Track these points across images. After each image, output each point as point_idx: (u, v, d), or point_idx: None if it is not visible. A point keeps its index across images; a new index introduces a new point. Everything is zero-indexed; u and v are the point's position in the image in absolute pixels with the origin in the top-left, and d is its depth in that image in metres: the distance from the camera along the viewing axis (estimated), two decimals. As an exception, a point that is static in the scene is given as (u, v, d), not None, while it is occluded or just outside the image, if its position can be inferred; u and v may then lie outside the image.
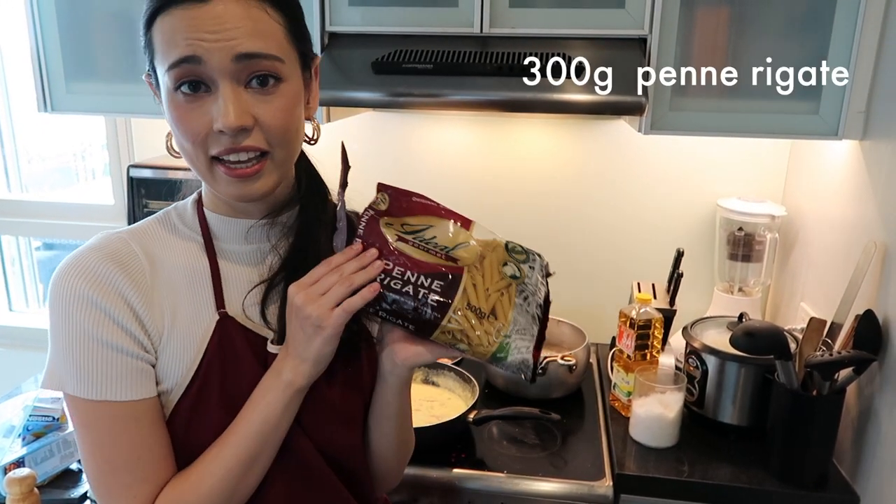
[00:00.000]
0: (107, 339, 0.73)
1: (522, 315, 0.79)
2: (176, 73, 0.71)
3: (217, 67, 0.70)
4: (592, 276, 1.84)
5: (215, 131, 0.72)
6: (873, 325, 1.19)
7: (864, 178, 1.31)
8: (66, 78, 1.56)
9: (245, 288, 0.82)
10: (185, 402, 0.78)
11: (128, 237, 0.79)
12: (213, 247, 0.83)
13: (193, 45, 0.70)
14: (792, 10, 1.29)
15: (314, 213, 0.85)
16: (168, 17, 0.71)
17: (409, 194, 0.82)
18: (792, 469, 1.23)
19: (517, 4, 1.35)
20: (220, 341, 0.79)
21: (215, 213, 0.83)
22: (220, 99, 0.71)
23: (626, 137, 1.74)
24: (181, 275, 0.80)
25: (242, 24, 0.71)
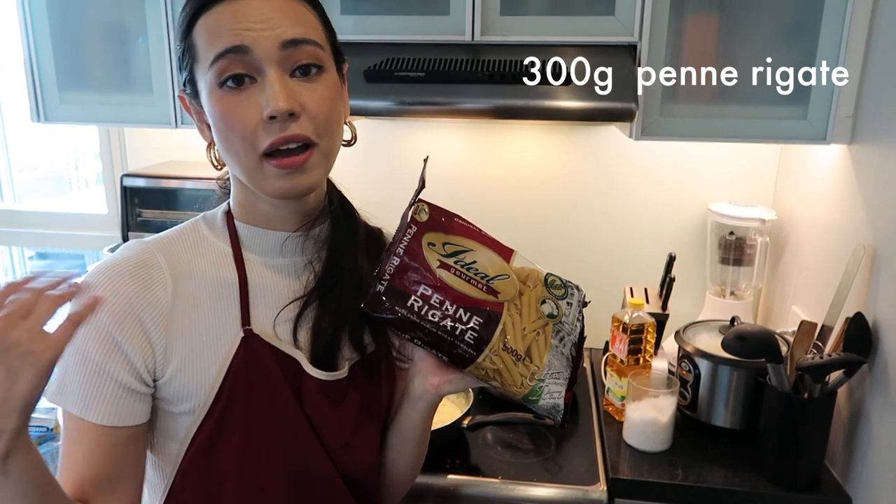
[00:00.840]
0: (108, 369, 0.72)
1: (557, 357, 0.78)
2: (221, 66, 0.71)
3: (264, 55, 0.70)
4: (585, 281, 1.82)
5: (265, 119, 0.71)
6: (863, 328, 1.20)
7: (852, 181, 1.32)
8: (60, 88, 1.57)
9: (274, 303, 0.80)
10: (208, 424, 0.75)
11: (154, 248, 0.77)
12: (242, 258, 0.80)
13: (240, 34, 0.70)
14: (780, 16, 1.31)
15: (346, 228, 0.85)
16: (211, 14, 0.72)
17: (451, 214, 0.81)
18: (784, 472, 1.24)
19: (508, 12, 1.37)
20: (245, 360, 0.76)
21: (248, 224, 0.82)
22: (268, 86, 0.71)
23: (618, 143, 1.76)
24: (208, 287, 0.78)
25: (285, 14, 0.72)
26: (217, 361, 0.76)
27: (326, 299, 0.80)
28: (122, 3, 1.50)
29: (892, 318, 1.16)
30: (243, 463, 0.76)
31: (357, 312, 0.78)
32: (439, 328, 0.74)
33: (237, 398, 0.75)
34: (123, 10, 1.51)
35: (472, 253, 0.78)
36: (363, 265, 0.83)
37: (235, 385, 0.75)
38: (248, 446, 0.76)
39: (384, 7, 1.40)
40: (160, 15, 1.47)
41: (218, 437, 0.75)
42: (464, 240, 0.79)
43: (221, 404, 0.75)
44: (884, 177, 1.21)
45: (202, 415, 0.75)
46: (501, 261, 0.79)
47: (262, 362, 0.77)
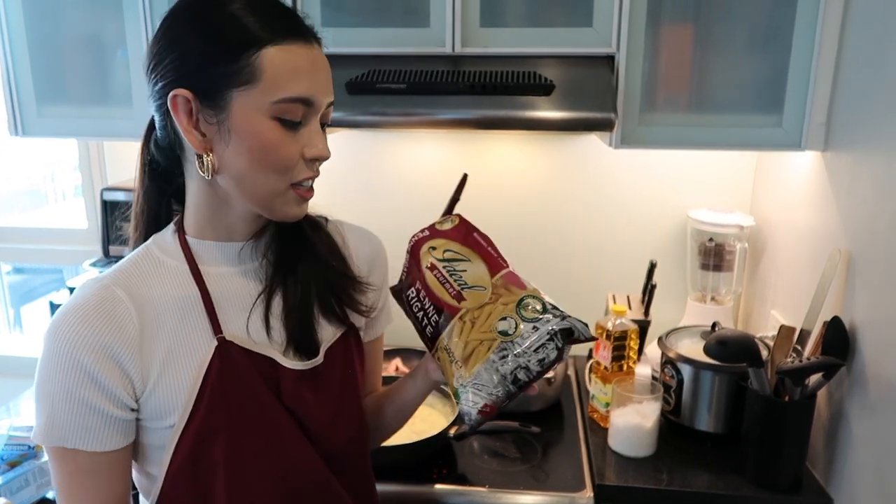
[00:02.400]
0: (87, 401, 0.75)
1: (489, 372, 0.81)
2: (288, 108, 0.76)
3: (319, 109, 0.79)
4: (568, 289, 1.86)
5: (307, 159, 0.79)
6: (840, 331, 1.22)
7: (826, 187, 1.35)
8: (38, 101, 1.56)
9: (243, 307, 0.84)
10: (188, 434, 0.78)
11: (111, 283, 0.79)
12: (199, 273, 0.83)
13: (313, 87, 0.77)
14: (753, 26, 1.33)
15: (291, 226, 0.88)
16: (291, 49, 0.75)
17: (472, 230, 0.92)
18: (767, 474, 1.26)
19: (488, 24, 1.38)
20: (220, 366, 0.80)
21: (201, 239, 0.84)
22: (315, 133, 0.79)
23: (598, 152, 1.78)
24: (171, 307, 0.81)
25: (329, 74, 0.81)
26: (191, 375, 0.79)
27: (288, 283, 0.86)
28: (101, 16, 1.50)
29: (868, 321, 1.19)
30: (229, 465, 0.80)
31: (321, 289, 0.88)
32: (416, 317, 0.90)
33: (216, 405, 0.79)
34: (102, 23, 1.50)
35: (466, 262, 0.88)
36: (315, 243, 0.90)
37: (213, 393, 0.79)
38: (234, 448, 0.80)
39: (365, 19, 1.40)
40: (139, 27, 1.47)
41: (201, 442, 0.79)
42: (468, 251, 0.89)
43: (200, 413, 0.78)
44: (857, 182, 1.24)
45: (182, 425, 0.79)
46: (487, 274, 0.87)
47: (237, 366, 0.80)
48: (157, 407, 0.78)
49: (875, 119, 1.19)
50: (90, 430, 0.76)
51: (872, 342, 1.17)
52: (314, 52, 0.78)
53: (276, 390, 0.82)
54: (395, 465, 1.27)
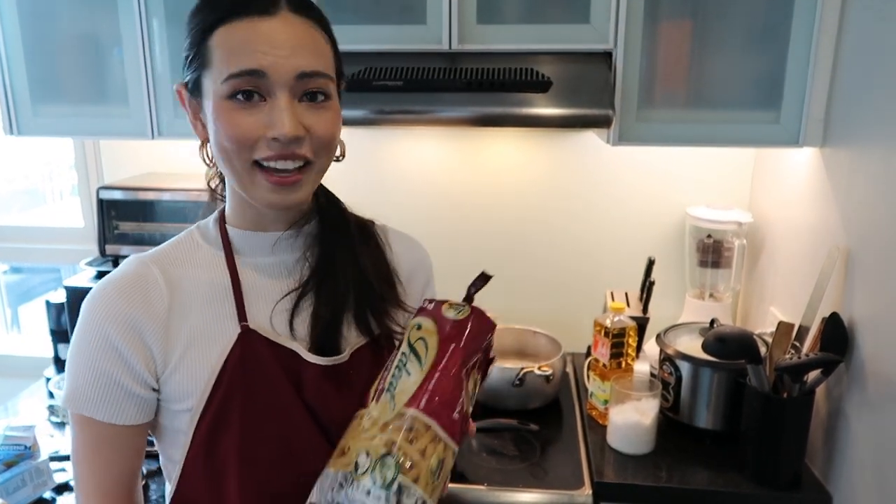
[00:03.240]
0: (109, 373, 0.78)
1: (329, 482, 0.74)
2: (236, 83, 0.73)
3: (279, 81, 0.73)
4: (566, 287, 1.86)
5: (268, 138, 0.74)
6: (839, 328, 1.22)
7: (825, 184, 1.35)
8: (33, 100, 1.55)
9: (270, 299, 0.84)
10: (206, 417, 0.79)
11: (150, 261, 0.82)
12: (233, 261, 0.84)
13: (259, 58, 0.72)
14: (751, 22, 1.33)
15: (335, 222, 0.88)
16: (233, 27, 0.73)
17: (461, 331, 0.77)
18: (766, 471, 1.25)
19: (485, 21, 1.37)
20: (241, 354, 0.80)
21: (238, 228, 0.85)
22: (276, 109, 0.73)
23: (596, 149, 1.77)
24: (202, 291, 0.82)
25: (306, 43, 0.75)
26: (212, 360, 0.79)
27: (322, 289, 0.84)
28: (96, 15, 1.49)
29: (866, 318, 1.18)
30: (242, 454, 0.80)
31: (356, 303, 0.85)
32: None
33: (234, 392, 0.79)
34: (97, 22, 1.49)
35: (416, 366, 0.76)
36: (359, 253, 0.88)
37: (232, 380, 0.79)
38: (247, 438, 0.79)
39: (362, 17, 1.40)
40: (134, 26, 1.46)
41: (217, 430, 0.79)
42: (431, 358, 0.76)
43: (217, 399, 0.79)
44: (855, 178, 1.23)
45: (200, 410, 0.79)
46: (409, 395, 0.75)
47: (259, 355, 0.80)
48: (176, 388, 0.79)
49: (873, 115, 1.18)
50: (110, 401, 0.78)
51: (871, 338, 1.16)
52: (273, 23, 0.73)
53: (297, 384, 0.81)
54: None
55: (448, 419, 0.74)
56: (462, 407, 0.76)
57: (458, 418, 0.75)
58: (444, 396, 0.74)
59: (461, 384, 0.76)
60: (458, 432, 0.75)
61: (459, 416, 0.75)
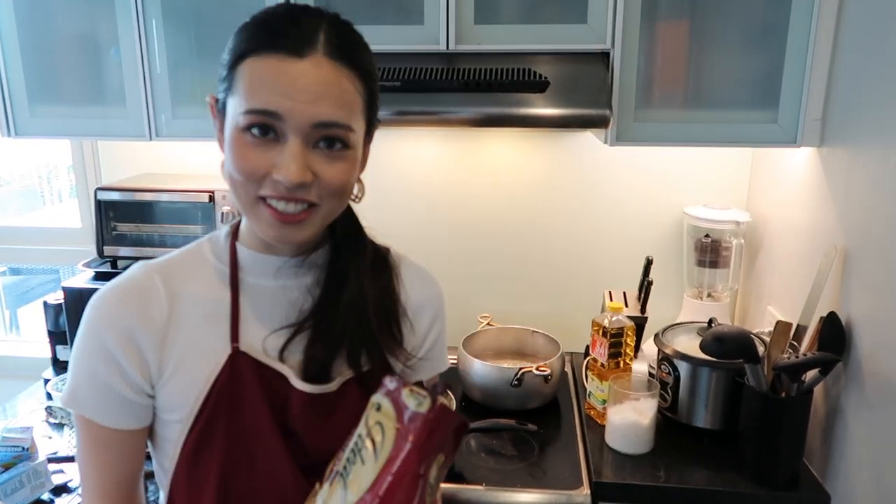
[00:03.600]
0: (105, 379, 0.79)
1: None
2: (252, 119, 0.72)
3: (295, 127, 0.72)
4: (564, 287, 1.86)
5: (273, 178, 0.73)
6: (837, 327, 1.22)
7: (822, 183, 1.35)
8: (30, 101, 1.55)
9: (266, 323, 0.83)
10: (193, 433, 0.80)
11: (154, 271, 0.83)
12: (237, 280, 0.84)
13: (280, 101, 0.71)
14: (748, 22, 1.33)
15: (349, 253, 0.86)
16: (262, 61, 0.72)
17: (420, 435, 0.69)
18: (764, 470, 1.25)
19: (482, 21, 1.38)
20: (230, 376, 0.80)
21: (248, 248, 0.85)
22: (286, 152, 0.72)
23: (593, 149, 1.77)
24: (201, 306, 0.82)
25: (329, 92, 0.72)
26: (204, 375, 0.80)
27: (320, 327, 0.83)
28: (93, 15, 1.49)
29: (864, 317, 1.18)
30: (221, 474, 0.80)
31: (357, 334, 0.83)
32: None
33: (221, 411, 0.79)
34: (94, 22, 1.49)
35: (369, 456, 0.71)
36: (367, 288, 0.85)
37: (220, 398, 0.79)
38: (227, 458, 0.80)
39: (359, 17, 1.37)
40: (132, 26, 1.46)
41: (201, 447, 0.80)
42: (387, 450, 0.70)
43: (205, 415, 0.79)
44: (853, 178, 1.23)
45: (189, 423, 0.80)
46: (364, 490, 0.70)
47: (247, 378, 0.80)
48: (168, 398, 0.80)
49: (871, 114, 1.18)
50: (106, 406, 0.79)
51: (869, 338, 1.16)
52: (302, 66, 0.71)
53: (283, 407, 0.81)
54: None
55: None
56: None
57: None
58: (394, 499, 0.68)
59: (416, 488, 0.69)
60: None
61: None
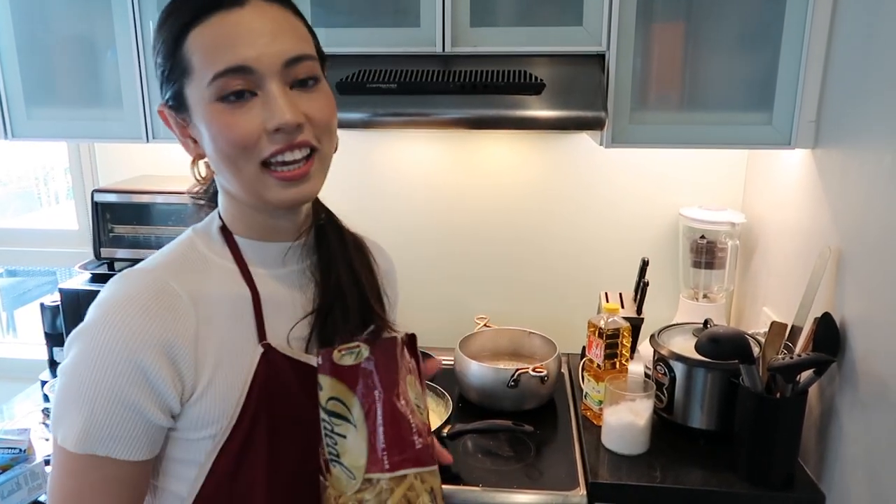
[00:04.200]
0: (134, 404, 0.70)
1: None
2: (222, 83, 0.70)
3: (268, 72, 0.70)
4: (560, 288, 1.86)
5: (270, 131, 0.71)
6: (831, 328, 1.23)
7: (817, 185, 1.35)
8: (27, 103, 1.55)
9: (287, 312, 0.81)
10: (233, 443, 0.75)
11: (166, 276, 0.74)
12: (249, 273, 0.80)
13: (243, 50, 0.69)
14: (743, 24, 1.34)
15: (334, 235, 0.86)
16: (206, 26, 0.70)
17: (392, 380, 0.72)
18: (759, 470, 1.26)
19: (478, 24, 1.38)
20: (266, 375, 0.76)
21: (247, 238, 0.81)
22: (271, 99, 0.70)
23: (589, 151, 1.78)
24: (223, 306, 0.77)
25: (285, 28, 0.72)
26: (240, 380, 0.75)
27: (333, 311, 0.82)
28: (90, 17, 1.49)
29: (858, 318, 1.19)
30: (270, 477, 0.76)
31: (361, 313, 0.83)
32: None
33: (261, 414, 0.75)
34: (91, 24, 1.49)
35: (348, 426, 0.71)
36: (357, 268, 0.86)
37: (258, 403, 0.75)
38: (273, 460, 0.76)
39: (356, 19, 1.40)
40: (128, 28, 1.46)
41: (242, 457, 0.75)
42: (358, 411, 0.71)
43: (246, 423, 0.75)
44: (847, 179, 1.24)
45: (225, 436, 0.74)
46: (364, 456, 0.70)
47: (281, 374, 0.77)
48: (203, 414, 0.74)
49: (864, 116, 1.19)
50: (128, 436, 0.70)
51: (863, 338, 1.17)
52: (247, 13, 0.70)
53: (315, 397, 0.78)
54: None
55: (414, 455, 0.71)
56: (417, 431, 0.72)
57: (421, 444, 0.72)
58: (398, 443, 0.70)
59: (404, 416, 0.71)
60: (429, 455, 0.73)
61: (422, 439, 0.72)
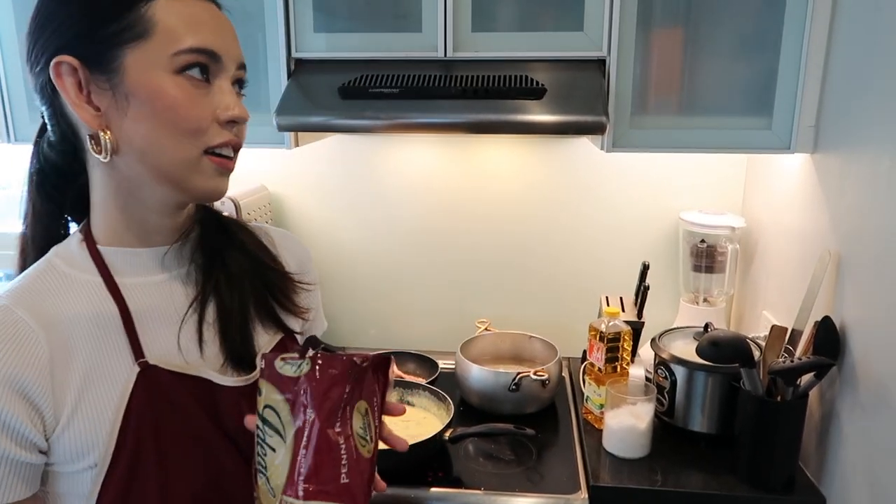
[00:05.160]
0: (2, 450, 0.65)
1: None
2: (189, 58, 0.68)
3: (227, 67, 0.72)
4: (561, 292, 1.87)
5: (222, 120, 0.71)
6: (831, 331, 1.23)
7: (816, 189, 1.36)
8: (30, 107, 1.55)
9: (171, 322, 0.75)
10: (116, 471, 0.69)
11: (11, 303, 0.69)
12: (116, 285, 0.73)
13: (214, 39, 0.70)
14: (742, 29, 1.34)
15: (216, 223, 0.83)
16: (181, 1, 0.69)
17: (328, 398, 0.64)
18: (760, 474, 1.26)
19: (479, 29, 1.39)
20: (146, 395, 0.71)
21: (117, 247, 0.75)
22: (227, 93, 0.72)
23: (589, 155, 1.79)
24: (85, 327, 0.71)
25: (235, 33, 0.74)
26: (112, 404, 0.69)
27: (220, 289, 0.78)
28: (93, 23, 1.49)
29: (858, 321, 1.20)
30: (165, 502, 0.71)
31: (257, 289, 0.80)
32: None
33: (144, 439, 0.70)
34: (94, 30, 1.50)
35: (278, 439, 0.65)
36: (247, 259, 0.82)
37: (140, 425, 0.70)
38: (168, 487, 0.71)
39: (357, 25, 1.41)
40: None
41: (130, 485, 0.70)
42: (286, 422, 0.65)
43: (127, 449, 0.69)
44: (846, 184, 1.25)
45: (105, 465, 0.69)
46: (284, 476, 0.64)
47: (167, 392, 0.72)
48: (73, 445, 0.68)
49: (864, 121, 1.20)
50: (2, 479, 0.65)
51: (863, 342, 1.18)
52: (213, 8, 0.72)
53: (215, 414, 0.74)
54: (390, 468, 1.26)
55: (335, 489, 0.64)
56: (347, 466, 0.65)
57: (347, 480, 0.65)
58: (319, 474, 0.64)
59: (335, 445, 0.64)
60: (357, 493, 0.65)
61: (349, 475, 0.65)
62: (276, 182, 1.85)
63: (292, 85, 1.40)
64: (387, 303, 1.92)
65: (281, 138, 1.48)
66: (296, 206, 1.86)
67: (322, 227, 1.87)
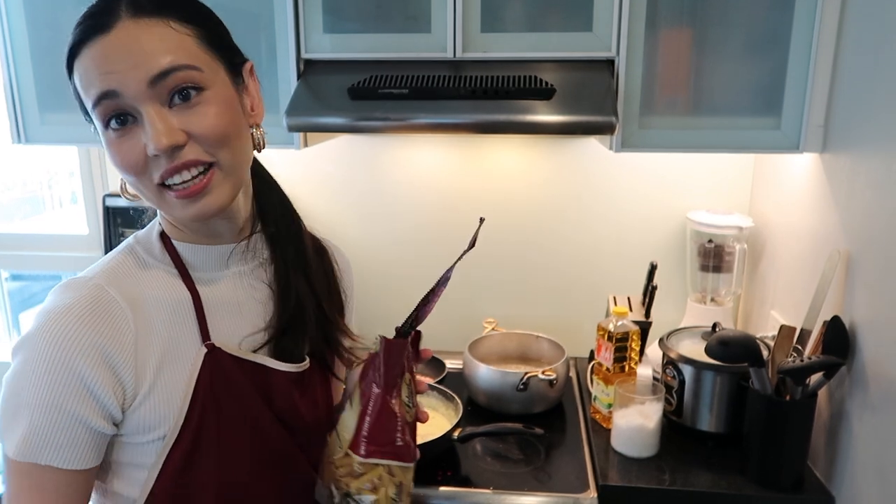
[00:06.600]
0: (75, 413, 0.71)
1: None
2: (100, 111, 0.70)
3: (135, 95, 0.69)
4: (569, 292, 1.87)
5: (151, 156, 0.70)
6: (840, 331, 1.23)
7: (825, 188, 1.36)
8: (41, 108, 1.56)
9: (233, 313, 0.82)
10: (181, 443, 0.76)
11: (103, 282, 0.75)
12: (190, 277, 0.81)
13: (107, 79, 0.68)
14: (751, 29, 1.35)
15: (290, 249, 0.88)
16: (81, 59, 0.70)
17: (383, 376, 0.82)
18: (769, 473, 1.26)
19: (488, 29, 1.39)
20: (211, 374, 0.77)
21: (184, 242, 0.82)
22: (147, 124, 0.69)
23: (598, 155, 1.79)
24: (163, 310, 0.78)
25: (148, 46, 0.69)
26: (182, 382, 0.76)
27: (288, 323, 0.85)
28: (104, 24, 1.50)
29: (867, 321, 1.20)
30: (221, 476, 0.78)
31: (317, 323, 0.88)
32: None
33: (208, 415, 0.76)
34: (105, 31, 1.50)
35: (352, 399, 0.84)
36: (315, 279, 0.89)
37: (205, 403, 0.76)
38: (224, 458, 0.78)
39: (367, 25, 1.42)
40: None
41: (192, 457, 0.76)
42: (356, 393, 0.83)
43: (193, 424, 0.76)
44: (855, 183, 1.25)
45: (173, 438, 0.75)
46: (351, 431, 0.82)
47: (227, 373, 0.78)
48: (147, 418, 0.75)
49: (873, 120, 1.20)
50: (69, 445, 0.71)
51: (872, 341, 1.18)
52: (109, 40, 0.69)
53: (267, 395, 0.81)
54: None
55: (392, 450, 0.80)
56: (401, 430, 0.81)
57: (401, 443, 0.80)
58: (380, 436, 0.80)
59: (393, 413, 0.80)
60: (407, 453, 0.81)
61: (402, 438, 0.80)
62: (284, 182, 1.84)
63: (302, 86, 1.41)
64: (395, 302, 1.92)
65: (290, 139, 1.48)
66: (304, 206, 1.85)
67: (330, 226, 1.87)
